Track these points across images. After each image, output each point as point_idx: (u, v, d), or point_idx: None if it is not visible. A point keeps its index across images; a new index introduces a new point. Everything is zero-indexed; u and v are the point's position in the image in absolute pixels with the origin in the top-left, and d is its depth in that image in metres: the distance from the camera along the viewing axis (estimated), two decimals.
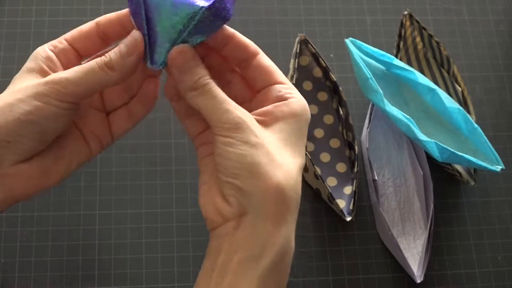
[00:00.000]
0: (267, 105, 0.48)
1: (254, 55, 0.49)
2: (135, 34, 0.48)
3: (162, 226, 0.62)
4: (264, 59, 0.50)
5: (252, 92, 0.51)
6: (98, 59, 0.48)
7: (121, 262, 0.60)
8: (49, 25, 0.69)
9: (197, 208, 0.63)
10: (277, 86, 0.49)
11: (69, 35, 0.51)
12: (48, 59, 0.49)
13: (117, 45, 0.49)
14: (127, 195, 0.63)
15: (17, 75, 0.49)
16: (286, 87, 0.49)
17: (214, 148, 0.47)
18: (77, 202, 0.62)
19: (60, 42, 0.51)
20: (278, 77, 0.49)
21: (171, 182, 0.64)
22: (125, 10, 0.50)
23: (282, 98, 0.48)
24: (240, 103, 0.50)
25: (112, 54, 0.48)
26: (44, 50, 0.50)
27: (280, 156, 0.46)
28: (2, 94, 0.48)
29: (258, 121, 0.48)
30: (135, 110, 0.53)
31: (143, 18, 0.48)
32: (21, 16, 0.69)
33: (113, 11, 0.70)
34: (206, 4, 0.47)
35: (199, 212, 0.63)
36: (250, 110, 0.49)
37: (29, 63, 0.50)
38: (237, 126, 0.46)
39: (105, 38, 0.51)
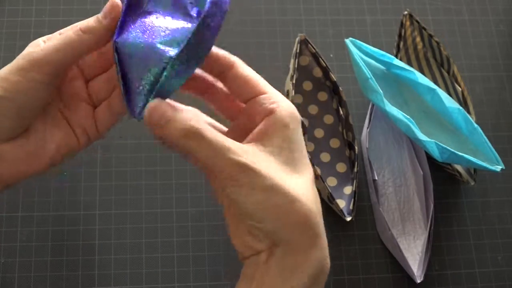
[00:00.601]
0: (256, 121, 0.47)
1: (229, 67, 0.48)
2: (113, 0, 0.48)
3: (162, 226, 0.62)
4: (241, 69, 0.48)
5: (236, 105, 0.50)
6: (74, 25, 0.48)
7: (121, 262, 0.60)
8: (49, 25, 0.69)
9: (197, 208, 0.63)
10: (260, 98, 0.47)
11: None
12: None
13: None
14: (127, 195, 0.63)
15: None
16: (268, 96, 0.47)
17: (227, 195, 0.45)
18: (77, 202, 0.62)
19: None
20: (259, 87, 0.48)
21: (171, 182, 0.64)
22: None
23: (267, 111, 0.47)
24: (230, 119, 0.50)
25: (90, 19, 0.48)
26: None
27: (293, 186, 0.45)
28: None
29: (256, 146, 0.46)
30: (114, 104, 0.52)
31: (118, 70, 0.47)
32: (21, 16, 0.69)
33: None
34: (175, 51, 0.46)
35: (199, 212, 0.63)
36: (241, 128, 0.49)
37: (21, 62, 0.49)
38: (244, 174, 0.44)
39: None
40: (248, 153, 0.45)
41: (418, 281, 0.59)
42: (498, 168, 0.60)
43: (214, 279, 0.60)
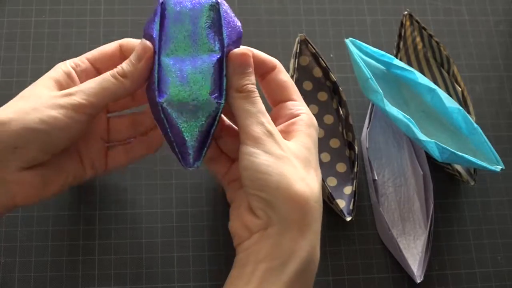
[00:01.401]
0: (280, 123, 0.51)
1: (271, 69, 0.52)
2: (144, 42, 0.50)
3: (162, 226, 0.62)
4: (280, 74, 0.52)
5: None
6: (111, 71, 0.50)
7: (121, 262, 0.60)
8: (49, 25, 0.69)
9: (197, 208, 0.63)
10: (289, 104, 0.51)
11: (90, 55, 0.53)
12: (67, 74, 0.51)
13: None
14: (127, 195, 0.63)
15: (38, 81, 0.51)
16: (297, 104, 0.51)
17: (240, 161, 0.48)
18: (77, 202, 0.62)
19: (82, 61, 0.52)
20: (291, 95, 0.52)
21: (171, 182, 0.64)
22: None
23: (293, 115, 0.51)
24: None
25: (124, 64, 0.50)
26: (65, 66, 0.51)
27: (303, 170, 0.48)
28: (19, 98, 0.50)
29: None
30: (134, 148, 0.55)
31: (167, 128, 0.50)
32: (21, 16, 0.69)
33: (113, 11, 0.70)
34: (221, 97, 0.50)
35: (199, 212, 0.63)
36: None
37: (51, 72, 0.51)
38: (265, 137, 0.48)
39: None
40: (276, 130, 0.49)
41: (418, 281, 0.59)
42: (498, 168, 0.60)
43: (214, 279, 0.60)
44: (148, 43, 0.50)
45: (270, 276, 0.46)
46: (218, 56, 0.50)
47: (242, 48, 0.50)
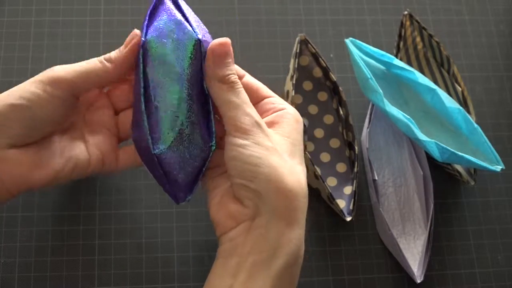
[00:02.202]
0: (266, 116, 0.51)
1: (241, 77, 0.52)
2: (134, 31, 0.51)
3: (162, 226, 0.62)
4: (250, 78, 0.53)
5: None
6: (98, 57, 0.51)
7: (121, 262, 0.60)
8: (49, 25, 0.69)
9: (197, 208, 0.63)
10: (271, 99, 0.52)
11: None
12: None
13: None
14: (127, 195, 0.63)
15: None
16: (277, 100, 0.52)
17: (226, 152, 0.49)
18: (77, 202, 0.62)
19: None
20: (268, 93, 0.53)
21: None
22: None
23: (277, 109, 0.51)
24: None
25: (112, 52, 0.51)
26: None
27: (290, 162, 0.48)
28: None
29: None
30: None
31: (160, 172, 0.50)
32: (21, 16, 0.69)
33: (113, 11, 0.70)
34: (212, 140, 0.51)
35: (199, 212, 0.63)
36: None
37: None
38: (254, 129, 0.48)
39: None
40: (263, 120, 0.50)
41: (418, 281, 0.59)
42: (498, 168, 0.60)
43: None
44: (136, 31, 0.51)
45: (259, 269, 0.46)
46: (205, 99, 0.51)
47: (221, 38, 0.50)
